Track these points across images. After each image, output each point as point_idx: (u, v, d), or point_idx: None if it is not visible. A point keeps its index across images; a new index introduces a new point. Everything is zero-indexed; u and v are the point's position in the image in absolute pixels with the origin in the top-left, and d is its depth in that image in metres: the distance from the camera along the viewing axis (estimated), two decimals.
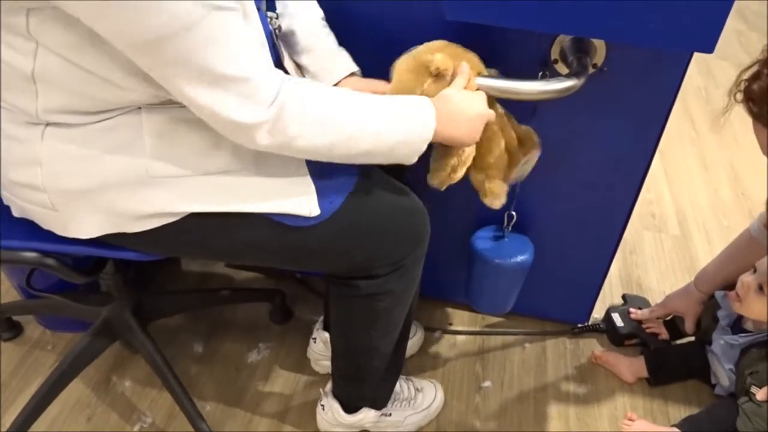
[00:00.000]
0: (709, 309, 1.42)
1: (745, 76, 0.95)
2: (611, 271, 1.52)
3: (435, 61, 0.96)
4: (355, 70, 1.08)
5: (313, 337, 1.44)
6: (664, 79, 1.11)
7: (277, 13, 1.01)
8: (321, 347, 1.41)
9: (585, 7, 0.86)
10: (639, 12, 0.85)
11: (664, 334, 1.52)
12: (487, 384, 1.46)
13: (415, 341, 1.49)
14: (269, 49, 0.90)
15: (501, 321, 1.61)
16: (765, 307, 1.24)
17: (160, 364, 1.28)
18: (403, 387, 1.34)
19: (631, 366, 1.47)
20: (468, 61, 0.99)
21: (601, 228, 1.38)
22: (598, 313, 1.60)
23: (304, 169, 0.95)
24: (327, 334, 1.38)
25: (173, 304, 1.53)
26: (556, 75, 1.09)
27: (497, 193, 1.09)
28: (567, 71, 1.08)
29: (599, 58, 1.09)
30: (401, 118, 0.90)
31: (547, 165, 1.26)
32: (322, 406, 1.29)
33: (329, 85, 1.05)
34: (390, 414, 1.30)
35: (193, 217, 0.90)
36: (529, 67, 1.11)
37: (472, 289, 1.39)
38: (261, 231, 0.94)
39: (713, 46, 0.86)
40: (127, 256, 0.99)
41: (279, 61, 1.03)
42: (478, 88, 0.99)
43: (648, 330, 1.53)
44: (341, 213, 0.96)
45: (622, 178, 1.28)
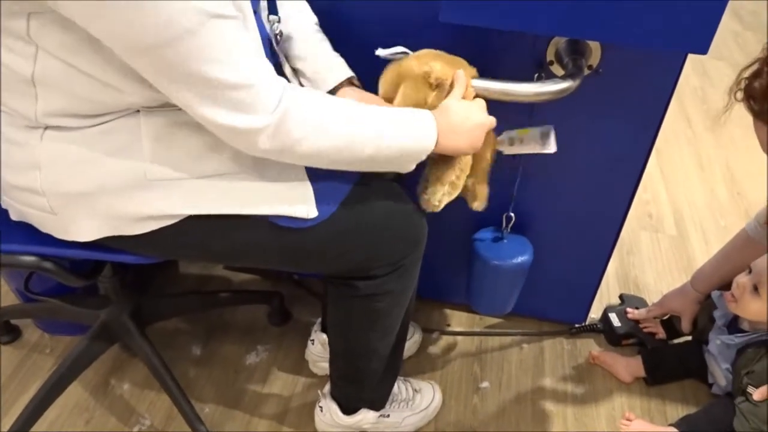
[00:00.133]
0: (705, 309, 1.42)
1: (746, 75, 0.95)
2: (608, 271, 1.52)
3: (434, 71, 0.96)
4: (351, 75, 1.08)
5: (311, 338, 1.44)
6: (660, 80, 1.12)
7: (279, 17, 1.01)
8: (319, 349, 1.42)
9: (580, 9, 0.87)
10: (633, 14, 0.86)
11: (661, 333, 1.52)
12: (485, 385, 1.46)
13: (413, 342, 1.50)
14: (268, 54, 0.91)
15: (499, 322, 1.62)
16: (760, 307, 1.24)
17: (159, 366, 1.28)
18: (401, 388, 1.34)
19: (628, 366, 1.47)
20: (459, 66, 0.99)
21: (598, 228, 1.38)
22: (595, 313, 1.60)
23: (303, 172, 0.95)
24: (325, 336, 1.38)
25: (171, 306, 1.53)
26: (551, 76, 1.09)
27: (485, 196, 1.11)
28: (562, 73, 1.09)
29: (594, 60, 1.10)
30: (403, 127, 0.91)
31: (544, 166, 1.27)
32: (321, 407, 1.29)
33: (325, 90, 1.05)
34: (388, 415, 1.30)
35: (192, 219, 0.90)
36: (525, 69, 1.11)
37: (472, 291, 1.40)
38: (259, 233, 0.94)
39: (707, 48, 0.87)
40: (126, 259, 0.99)
41: (278, 66, 1.03)
42: (476, 95, 1.00)
43: (645, 330, 1.54)
44: (339, 214, 0.96)
45: (619, 178, 1.28)
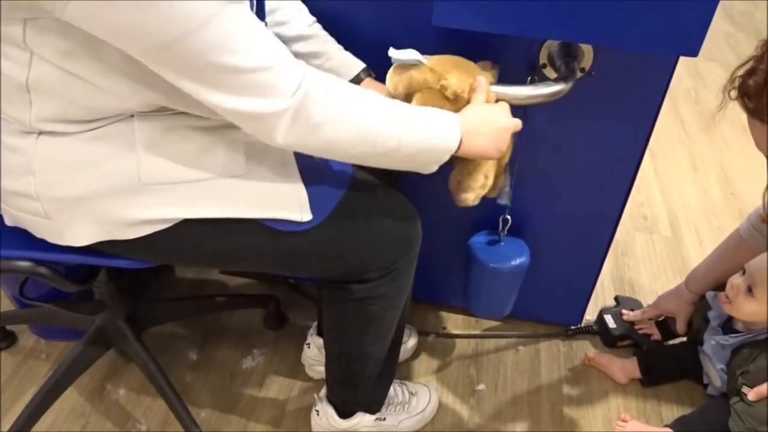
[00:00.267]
0: (700, 309, 1.43)
1: (740, 73, 0.95)
2: (603, 273, 1.53)
3: (451, 86, 0.95)
4: (365, 66, 1.08)
5: (307, 342, 1.44)
6: (652, 81, 1.13)
7: (266, 22, 1.01)
8: (315, 352, 1.42)
9: (572, 13, 0.87)
10: (624, 17, 0.86)
11: (656, 335, 1.53)
12: (481, 387, 1.46)
13: (408, 345, 1.50)
14: None
15: (494, 324, 1.62)
16: (754, 308, 1.25)
17: (155, 371, 1.28)
18: (397, 391, 1.34)
19: (623, 367, 1.47)
20: (475, 72, 0.99)
21: (593, 230, 1.38)
22: (590, 315, 1.61)
23: (297, 175, 0.96)
24: (321, 340, 1.37)
25: (167, 311, 1.53)
26: (544, 79, 1.10)
27: (501, 185, 1.11)
28: (555, 75, 1.09)
29: (587, 62, 1.10)
30: (427, 124, 0.90)
31: (538, 168, 1.27)
32: (317, 411, 1.29)
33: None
34: (384, 418, 1.30)
35: (186, 223, 0.90)
36: (518, 72, 1.12)
37: (470, 294, 1.40)
38: (254, 236, 0.95)
39: (698, 50, 0.88)
40: (121, 264, 0.99)
41: None
42: (497, 99, 0.99)
43: (640, 331, 1.54)
44: (333, 217, 0.96)
45: (613, 179, 1.29)
